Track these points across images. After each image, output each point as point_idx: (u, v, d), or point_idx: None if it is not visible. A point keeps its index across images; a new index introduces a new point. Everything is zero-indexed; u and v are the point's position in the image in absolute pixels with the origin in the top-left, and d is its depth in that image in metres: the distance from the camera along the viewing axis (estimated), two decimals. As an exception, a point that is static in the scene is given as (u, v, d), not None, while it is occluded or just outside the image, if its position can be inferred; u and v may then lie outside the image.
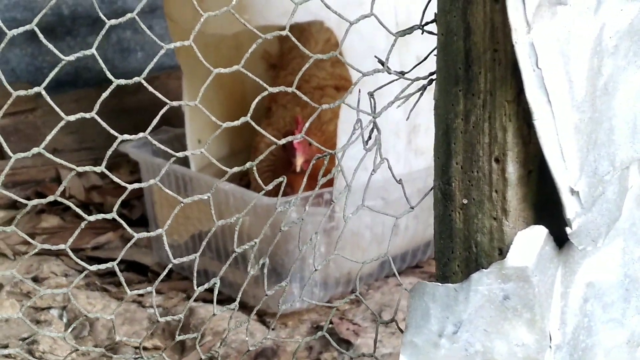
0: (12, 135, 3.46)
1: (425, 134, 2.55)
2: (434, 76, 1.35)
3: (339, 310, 2.57)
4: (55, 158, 1.28)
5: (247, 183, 2.87)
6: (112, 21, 1.25)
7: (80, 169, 1.29)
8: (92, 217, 1.33)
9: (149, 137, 1.33)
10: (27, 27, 1.22)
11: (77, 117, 1.27)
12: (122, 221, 1.40)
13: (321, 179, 1.46)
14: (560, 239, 1.27)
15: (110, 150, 1.29)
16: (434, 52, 1.33)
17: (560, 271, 1.28)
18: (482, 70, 1.25)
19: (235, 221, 1.44)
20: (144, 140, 2.77)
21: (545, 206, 1.28)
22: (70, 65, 3.68)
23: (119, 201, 1.36)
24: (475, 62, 1.25)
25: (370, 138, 1.43)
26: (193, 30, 1.28)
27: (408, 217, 2.61)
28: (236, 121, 1.35)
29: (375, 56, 1.39)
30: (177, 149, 1.36)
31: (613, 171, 1.27)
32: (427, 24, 1.38)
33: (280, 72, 2.90)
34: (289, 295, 2.48)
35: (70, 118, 1.26)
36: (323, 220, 2.07)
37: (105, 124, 1.30)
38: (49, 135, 1.25)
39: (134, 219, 3.08)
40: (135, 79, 1.28)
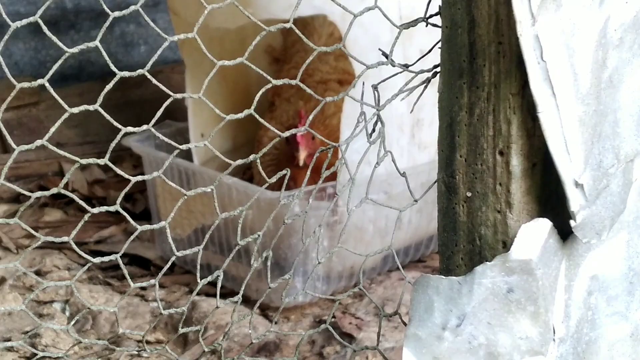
0: (16, 128, 3.46)
1: (428, 128, 2.55)
2: (438, 69, 1.35)
3: (342, 304, 2.57)
4: (59, 150, 1.28)
5: (250, 177, 2.87)
6: (116, 13, 1.25)
7: (84, 161, 1.29)
8: (96, 210, 1.33)
9: (153, 130, 1.33)
10: (31, 19, 1.22)
11: (81, 109, 1.27)
12: (126, 214, 1.40)
13: (324, 172, 1.46)
14: (564, 232, 1.27)
15: (114, 143, 1.29)
16: (438, 45, 1.33)
17: (564, 264, 1.28)
18: (487, 63, 1.25)
19: (239, 214, 1.44)
20: (147, 134, 2.79)
21: (550, 199, 1.28)
22: (73, 58, 3.68)
23: (122, 194, 1.36)
24: (480, 55, 1.25)
25: (374, 131, 1.43)
26: (197, 24, 1.28)
27: (411, 211, 2.61)
28: (240, 114, 1.35)
29: (379, 49, 1.39)
30: (180, 143, 1.36)
31: (617, 164, 1.27)
32: (432, 16, 1.38)
33: (284, 66, 2.90)
34: (292, 289, 2.48)
35: (74, 110, 1.26)
36: (326, 214, 2.07)
37: (108, 117, 1.29)
38: (53, 127, 1.24)
39: (137, 212, 3.08)
40: (139, 71, 1.27)
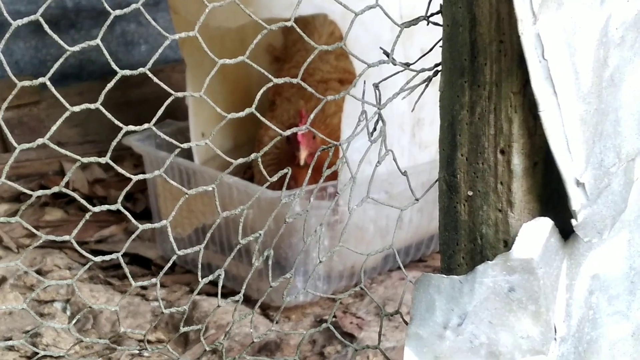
0: (17, 127, 3.46)
1: (429, 127, 2.55)
2: (439, 67, 1.35)
3: (343, 304, 2.57)
4: (60, 149, 1.28)
5: (251, 176, 2.87)
6: (117, 12, 1.25)
7: (85, 159, 1.29)
8: (97, 209, 1.33)
9: (154, 128, 1.33)
10: (32, 18, 1.21)
11: (82, 108, 1.27)
12: (127, 212, 1.39)
13: (325, 171, 1.46)
14: (565, 231, 1.27)
15: (115, 142, 1.29)
16: (439, 44, 1.33)
17: (565, 263, 1.28)
18: (488, 62, 1.24)
19: (240, 213, 1.44)
20: (147, 133, 2.79)
21: (551, 198, 1.28)
22: (74, 58, 3.68)
23: (123, 193, 1.36)
24: (481, 54, 1.25)
25: (375, 130, 1.43)
26: (197, 22, 1.27)
27: (412, 211, 2.61)
28: (241, 112, 1.35)
29: (380, 47, 1.39)
30: (181, 142, 1.36)
31: (619, 163, 1.27)
32: (433, 15, 1.38)
33: (285, 65, 2.90)
34: (293, 289, 2.48)
35: (75, 109, 1.26)
36: (327, 214, 2.07)
37: (110, 115, 1.29)
38: (54, 126, 1.24)
39: (138, 212, 3.08)
40: (140, 69, 1.27)
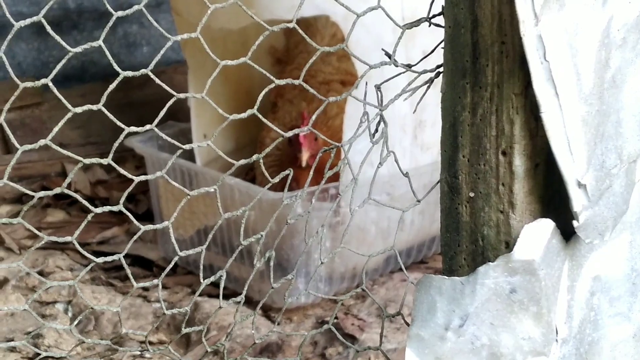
0: (19, 129, 3.46)
1: (431, 129, 2.55)
2: (441, 69, 1.35)
3: (344, 305, 2.57)
4: (62, 149, 1.28)
5: (253, 178, 2.87)
6: (119, 13, 1.25)
7: (87, 160, 1.29)
8: (99, 210, 1.33)
9: (156, 129, 1.33)
10: (34, 19, 1.22)
11: (84, 109, 1.27)
12: (129, 213, 1.40)
13: (327, 173, 1.46)
14: (567, 233, 1.27)
15: (117, 143, 1.29)
16: (441, 45, 1.33)
17: (567, 265, 1.28)
18: (490, 63, 1.24)
19: (241, 215, 1.44)
20: (149, 135, 2.79)
21: (552, 199, 1.28)
22: (76, 59, 3.68)
23: (125, 194, 1.36)
24: (483, 55, 1.25)
25: (376, 131, 1.43)
26: (199, 24, 1.28)
27: (414, 212, 2.61)
28: (243, 114, 1.35)
29: (382, 49, 1.39)
30: (183, 144, 1.36)
31: (620, 164, 1.27)
32: (434, 16, 1.38)
33: (287, 67, 2.90)
34: (294, 290, 2.48)
35: (77, 110, 1.26)
36: (329, 215, 2.06)
37: (112, 116, 1.29)
38: (56, 127, 1.25)
39: (140, 213, 3.09)
40: (142, 70, 1.27)
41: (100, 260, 1.37)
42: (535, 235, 1.25)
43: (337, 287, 2.62)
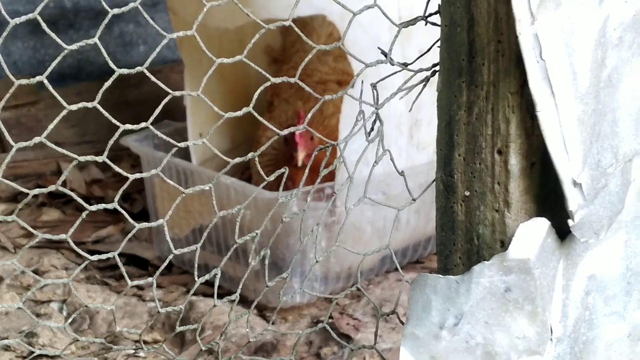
0: (14, 128, 3.46)
1: (427, 128, 2.55)
2: (437, 68, 1.35)
3: (339, 305, 2.57)
4: (57, 147, 1.28)
5: (249, 177, 2.87)
6: (115, 10, 1.25)
7: (82, 158, 1.29)
8: (94, 207, 1.33)
9: (151, 127, 1.33)
10: (30, 16, 1.21)
11: (79, 107, 1.27)
12: (124, 212, 1.39)
13: (322, 171, 1.46)
14: (562, 232, 1.27)
15: (112, 140, 1.29)
16: (437, 44, 1.33)
17: (562, 264, 1.28)
18: (486, 62, 1.24)
19: (236, 213, 1.44)
20: (145, 134, 2.78)
21: (548, 198, 1.28)
22: (72, 58, 3.68)
23: (120, 191, 1.36)
24: (479, 54, 1.25)
25: (372, 130, 1.43)
26: (196, 22, 1.28)
27: (409, 212, 2.61)
28: (238, 112, 1.35)
29: (379, 47, 1.39)
30: (179, 143, 1.36)
31: (616, 164, 1.27)
32: (431, 15, 1.38)
33: (283, 66, 2.90)
34: (289, 289, 2.48)
35: (72, 107, 1.26)
36: (324, 214, 2.06)
37: (107, 114, 1.29)
38: (51, 125, 1.24)
39: (135, 212, 3.08)
40: (138, 68, 1.27)
41: (95, 258, 1.36)
42: (531, 234, 1.25)
43: (333, 287, 2.62)
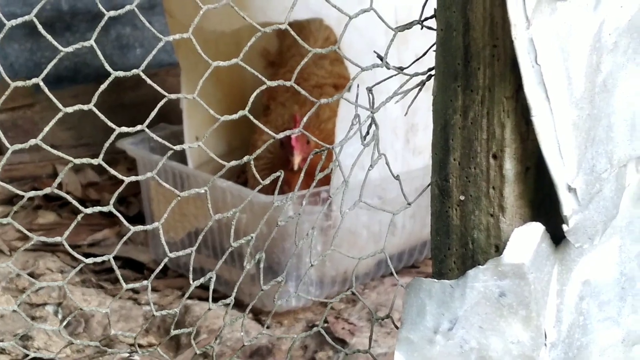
0: (10, 130, 3.46)
1: (423, 133, 2.55)
2: (432, 72, 1.35)
3: (335, 309, 2.57)
4: (53, 150, 1.28)
5: (245, 181, 2.87)
6: (111, 13, 1.25)
7: (78, 160, 1.29)
8: (89, 210, 1.33)
9: (147, 130, 1.33)
10: (26, 18, 1.21)
11: (75, 109, 1.27)
12: (119, 215, 1.39)
13: (318, 175, 1.46)
14: (557, 237, 1.27)
15: (107, 143, 1.29)
16: (433, 48, 1.33)
17: (556, 269, 1.28)
18: (481, 66, 1.25)
19: (232, 216, 1.44)
20: (141, 137, 2.78)
21: (542, 203, 1.28)
22: (69, 60, 3.67)
23: (116, 194, 1.36)
24: (474, 58, 1.25)
25: (368, 134, 1.43)
26: (192, 24, 1.28)
27: (405, 216, 2.61)
28: (234, 115, 1.35)
29: (374, 51, 1.39)
30: (175, 146, 1.36)
31: (611, 169, 1.27)
32: (427, 19, 1.38)
33: (280, 70, 2.90)
34: (285, 293, 2.48)
35: (68, 110, 1.26)
36: (320, 218, 2.06)
37: (103, 116, 1.29)
38: (47, 127, 1.24)
39: (131, 215, 3.08)
40: (134, 71, 1.27)
41: (90, 261, 1.36)
42: (525, 239, 1.25)
43: (328, 291, 2.62)
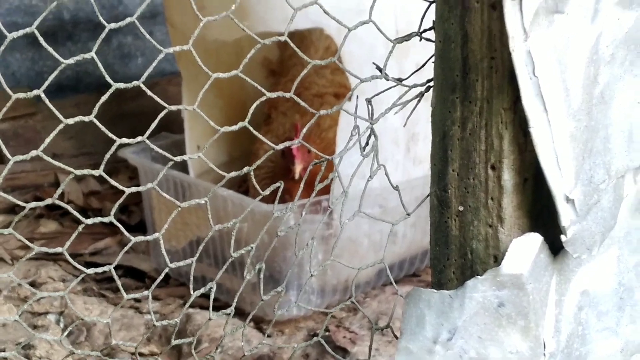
0: (12, 139, 3.46)
1: (423, 142, 2.56)
2: (431, 83, 1.35)
3: (336, 318, 2.57)
4: (54, 161, 1.29)
5: (246, 190, 2.87)
6: (112, 25, 1.26)
7: (79, 171, 1.29)
8: (90, 220, 1.34)
9: (147, 141, 1.34)
10: (27, 30, 1.22)
11: (77, 120, 1.28)
12: (120, 225, 1.40)
13: (318, 185, 1.47)
14: (555, 247, 1.28)
15: (109, 153, 1.30)
16: (432, 60, 1.34)
17: (555, 279, 1.28)
18: (479, 78, 1.25)
19: (232, 226, 1.45)
20: (143, 146, 2.79)
21: (541, 214, 1.28)
22: (70, 70, 3.68)
23: (117, 204, 1.37)
24: (473, 70, 1.26)
25: (367, 144, 1.43)
26: (193, 35, 1.28)
27: (406, 226, 2.61)
28: (234, 126, 1.36)
29: (374, 62, 1.40)
30: (176, 156, 1.37)
31: (608, 180, 1.28)
32: (425, 31, 1.39)
33: (281, 79, 2.90)
34: (286, 302, 2.48)
35: (69, 121, 1.27)
36: (321, 227, 2.06)
37: (103, 128, 1.30)
38: (48, 138, 1.25)
39: (133, 224, 3.08)
40: (134, 82, 1.28)
41: (91, 271, 1.37)
42: (524, 250, 1.26)
43: (330, 300, 2.62)
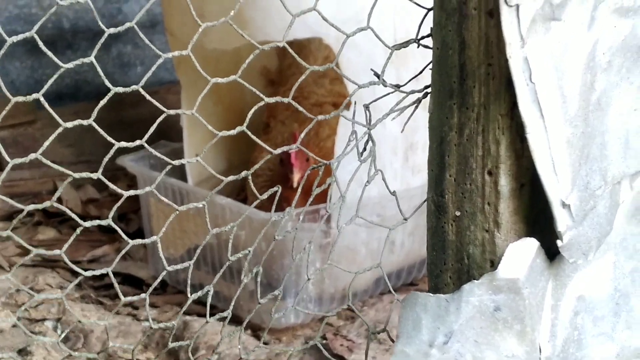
0: (11, 147, 3.47)
1: (422, 151, 2.56)
2: (429, 89, 1.36)
3: (334, 326, 2.57)
4: (53, 164, 1.29)
5: (244, 198, 2.88)
6: (111, 30, 1.27)
7: (77, 175, 1.30)
8: (89, 223, 1.34)
9: (146, 145, 1.34)
10: (27, 35, 1.23)
11: (75, 124, 1.28)
12: (118, 229, 1.40)
13: (315, 190, 1.47)
14: (551, 252, 1.28)
15: (107, 157, 1.30)
16: (430, 66, 1.34)
17: (551, 284, 1.29)
18: (477, 84, 1.26)
19: (230, 231, 1.45)
20: (141, 154, 2.80)
21: (537, 219, 1.29)
22: (70, 78, 3.69)
23: (115, 208, 1.37)
24: (470, 76, 1.26)
25: (365, 150, 1.44)
26: (191, 42, 1.29)
27: (404, 234, 2.62)
28: (232, 130, 1.36)
29: (372, 69, 1.41)
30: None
31: (605, 186, 1.28)
32: (423, 38, 1.39)
33: (280, 89, 2.91)
34: (283, 309, 2.48)
35: (68, 125, 1.28)
36: (318, 234, 2.07)
37: (102, 131, 1.31)
38: (47, 142, 1.26)
39: (131, 232, 3.09)
40: (133, 87, 1.29)
41: (89, 273, 1.37)
42: (520, 254, 1.26)
43: (327, 308, 2.62)
